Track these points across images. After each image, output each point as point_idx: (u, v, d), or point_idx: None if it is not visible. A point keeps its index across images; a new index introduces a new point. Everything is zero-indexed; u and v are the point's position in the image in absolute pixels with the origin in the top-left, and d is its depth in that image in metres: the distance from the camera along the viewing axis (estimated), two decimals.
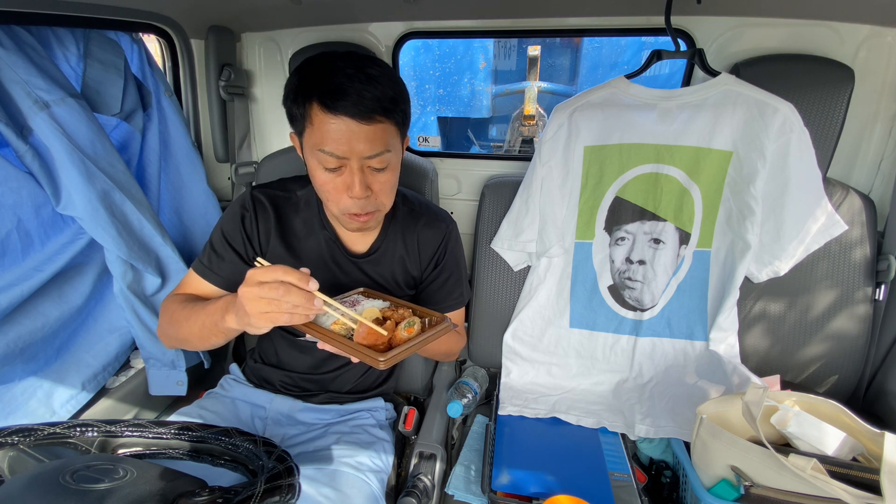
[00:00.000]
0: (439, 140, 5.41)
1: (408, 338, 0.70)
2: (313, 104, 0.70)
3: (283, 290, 0.60)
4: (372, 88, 0.69)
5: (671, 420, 1.01)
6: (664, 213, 1.08)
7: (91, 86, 1.07)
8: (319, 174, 0.75)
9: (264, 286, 0.60)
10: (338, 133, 0.70)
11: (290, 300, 0.60)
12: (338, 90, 0.68)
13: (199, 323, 0.76)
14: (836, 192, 1.03)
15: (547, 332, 1.16)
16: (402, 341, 0.69)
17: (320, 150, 0.72)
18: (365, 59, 0.72)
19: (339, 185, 0.75)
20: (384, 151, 0.74)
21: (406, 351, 0.68)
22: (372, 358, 0.64)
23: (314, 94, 0.69)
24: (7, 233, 0.94)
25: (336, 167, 0.73)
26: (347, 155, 0.72)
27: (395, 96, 0.72)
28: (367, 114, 0.69)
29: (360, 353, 0.66)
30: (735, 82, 0.99)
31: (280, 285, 0.60)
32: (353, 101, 0.68)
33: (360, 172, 0.74)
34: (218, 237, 0.89)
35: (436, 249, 0.96)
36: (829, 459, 0.75)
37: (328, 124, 0.69)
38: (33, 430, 0.55)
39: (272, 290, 0.60)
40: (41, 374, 1.05)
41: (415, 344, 0.69)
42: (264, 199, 0.89)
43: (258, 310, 0.61)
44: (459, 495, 0.93)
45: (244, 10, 1.26)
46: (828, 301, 1.05)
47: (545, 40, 4.94)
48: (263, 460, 0.55)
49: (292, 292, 0.60)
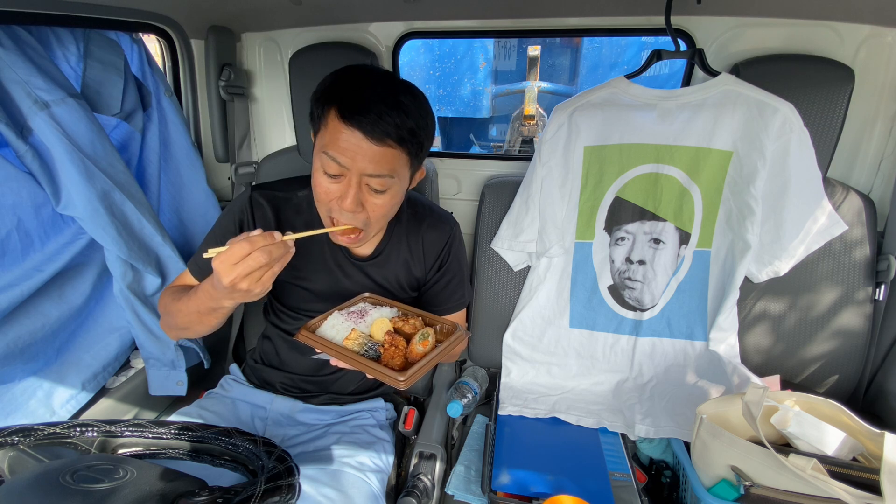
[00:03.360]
0: (439, 140, 5.42)
1: (424, 352, 0.69)
2: (333, 109, 0.70)
3: (263, 255, 0.61)
4: (394, 115, 0.69)
5: (671, 420, 1.01)
6: (664, 213, 1.08)
7: (91, 86, 1.07)
8: (319, 176, 0.76)
9: (243, 263, 0.61)
10: (345, 143, 0.70)
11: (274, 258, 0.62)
12: (359, 105, 0.68)
13: (193, 309, 0.77)
14: (836, 192, 1.03)
15: (547, 332, 1.16)
16: (419, 356, 0.69)
17: (325, 153, 0.72)
18: (402, 85, 0.73)
19: (332, 190, 0.75)
20: (387, 176, 0.74)
21: (424, 367, 0.67)
22: (391, 378, 0.63)
23: (336, 99, 0.70)
24: (7, 233, 0.94)
25: (336, 174, 0.74)
26: (349, 166, 0.72)
27: (416, 128, 0.72)
28: (379, 135, 0.69)
29: (377, 372, 0.65)
30: (735, 82, 0.99)
31: (259, 253, 0.61)
32: (370, 119, 0.68)
33: (356, 186, 0.74)
34: (212, 239, 0.90)
35: (440, 252, 0.96)
36: (829, 459, 0.75)
37: (339, 132, 0.70)
38: (33, 430, 0.55)
39: (255, 261, 0.61)
40: (41, 374, 1.05)
41: (432, 358, 0.69)
42: (263, 201, 0.89)
43: (249, 284, 0.63)
44: (459, 495, 0.93)
45: (244, 10, 1.26)
46: (828, 301, 1.05)
47: (545, 40, 4.95)
48: (263, 460, 0.55)
49: (271, 252, 0.62)
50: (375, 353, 0.71)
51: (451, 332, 0.76)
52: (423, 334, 0.71)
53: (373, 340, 0.72)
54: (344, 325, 0.75)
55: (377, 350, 0.71)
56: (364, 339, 0.72)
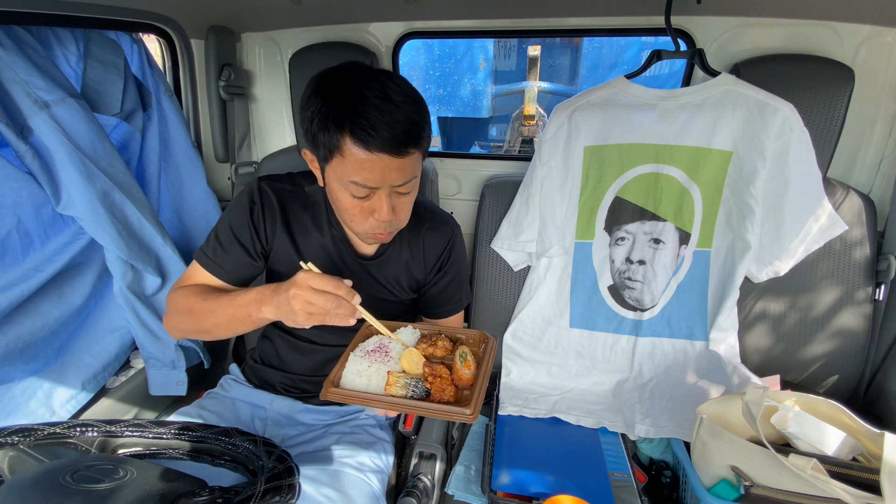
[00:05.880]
0: (439, 140, 5.42)
1: (472, 374, 0.68)
2: (345, 137, 0.68)
3: (335, 302, 0.64)
4: (400, 117, 0.69)
5: (671, 420, 1.01)
6: (664, 213, 1.08)
7: (91, 86, 1.07)
8: (345, 199, 0.75)
9: (318, 294, 0.64)
10: (371, 166, 0.70)
11: (339, 312, 0.65)
12: (371, 125, 0.67)
13: (227, 315, 0.76)
14: (836, 191, 1.03)
15: (547, 332, 1.16)
16: (469, 380, 0.68)
17: (352, 182, 0.72)
18: (386, 80, 0.71)
19: (365, 208, 0.76)
20: (412, 178, 0.75)
21: (482, 389, 0.66)
22: (458, 415, 0.62)
23: (346, 125, 0.68)
24: (7, 233, 0.94)
25: (365, 195, 0.74)
26: (379, 185, 0.72)
27: (420, 120, 0.72)
28: (400, 148, 0.69)
29: (440, 413, 0.64)
30: (735, 82, 0.99)
31: (333, 297, 0.65)
32: (386, 136, 0.68)
33: (388, 198, 0.75)
34: (225, 230, 0.87)
35: (440, 253, 0.96)
36: (829, 459, 0.75)
37: (361, 159, 0.69)
38: (33, 430, 0.55)
39: (325, 301, 0.64)
40: (41, 374, 1.05)
41: (485, 376, 0.67)
42: (270, 192, 0.88)
43: (306, 311, 0.65)
44: (459, 495, 0.93)
45: (244, 10, 1.26)
46: (828, 301, 1.05)
47: (545, 40, 4.95)
48: (263, 460, 0.55)
49: (342, 305, 0.65)
50: (423, 391, 0.67)
51: (478, 340, 0.76)
52: (462, 355, 0.69)
53: (412, 377, 0.68)
54: (372, 369, 0.70)
55: (423, 387, 0.67)
56: (405, 380, 0.67)
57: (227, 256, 0.87)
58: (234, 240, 0.87)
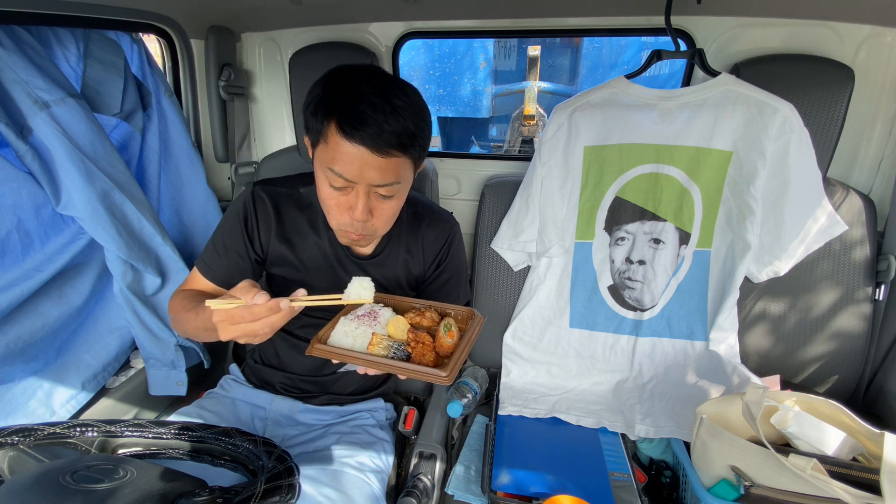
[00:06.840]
0: (439, 140, 5.42)
1: (454, 343, 0.68)
2: (331, 124, 0.69)
3: (264, 327, 0.61)
4: (393, 121, 0.68)
5: (671, 420, 1.01)
6: (664, 213, 1.08)
7: (91, 86, 1.07)
8: (325, 188, 0.75)
9: (241, 327, 0.61)
10: (350, 158, 0.69)
11: (267, 322, 0.61)
12: (358, 118, 0.67)
13: (200, 326, 0.77)
14: (836, 192, 1.03)
15: (547, 332, 1.16)
16: (450, 348, 0.67)
17: (330, 169, 0.72)
18: (393, 85, 0.71)
19: (342, 202, 0.75)
20: (394, 182, 0.74)
21: (461, 358, 0.66)
22: (434, 376, 0.62)
23: (334, 114, 0.69)
24: (7, 233, 0.94)
25: (343, 187, 0.73)
26: (356, 180, 0.72)
27: (416, 131, 0.72)
28: (383, 147, 0.69)
29: (416, 373, 0.64)
30: (735, 82, 0.99)
31: (259, 324, 0.61)
32: (371, 132, 0.67)
33: (365, 196, 0.74)
34: (220, 237, 0.89)
35: (439, 250, 0.96)
36: (829, 459, 0.75)
37: (342, 147, 0.69)
38: (33, 430, 0.55)
39: (252, 330, 0.61)
40: (41, 374, 1.05)
41: (465, 347, 0.67)
42: (264, 195, 0.89)
43: (247, 340, 0.64)
44: (459, 495, 0.93)
45: (244, 10, 1.26)
46: (828, 301, 1.06)
47: (545, 40, 4.95)
48: (263, 460, 0.55)
49: (273, 325, 0.62)
50: (404, 354, 0.68)
51: (466, 317, 0.75)
52: (447, 325, 0.70)
53: (396, 341, 0.70)
54: (359, 331, 0.72)
55: (405, 350, 0.68)
56: (388, 342, 0.69)
57: (222, 261, 0.89)
58: (229, 248, 0.88)
